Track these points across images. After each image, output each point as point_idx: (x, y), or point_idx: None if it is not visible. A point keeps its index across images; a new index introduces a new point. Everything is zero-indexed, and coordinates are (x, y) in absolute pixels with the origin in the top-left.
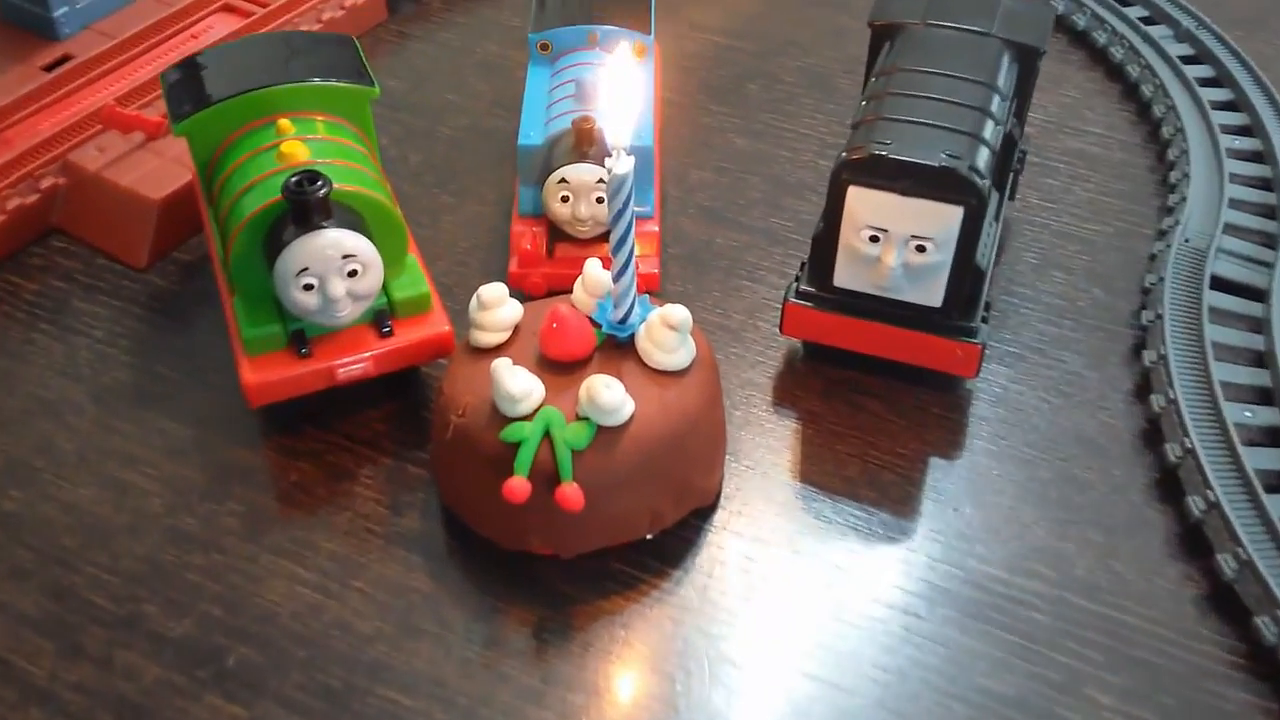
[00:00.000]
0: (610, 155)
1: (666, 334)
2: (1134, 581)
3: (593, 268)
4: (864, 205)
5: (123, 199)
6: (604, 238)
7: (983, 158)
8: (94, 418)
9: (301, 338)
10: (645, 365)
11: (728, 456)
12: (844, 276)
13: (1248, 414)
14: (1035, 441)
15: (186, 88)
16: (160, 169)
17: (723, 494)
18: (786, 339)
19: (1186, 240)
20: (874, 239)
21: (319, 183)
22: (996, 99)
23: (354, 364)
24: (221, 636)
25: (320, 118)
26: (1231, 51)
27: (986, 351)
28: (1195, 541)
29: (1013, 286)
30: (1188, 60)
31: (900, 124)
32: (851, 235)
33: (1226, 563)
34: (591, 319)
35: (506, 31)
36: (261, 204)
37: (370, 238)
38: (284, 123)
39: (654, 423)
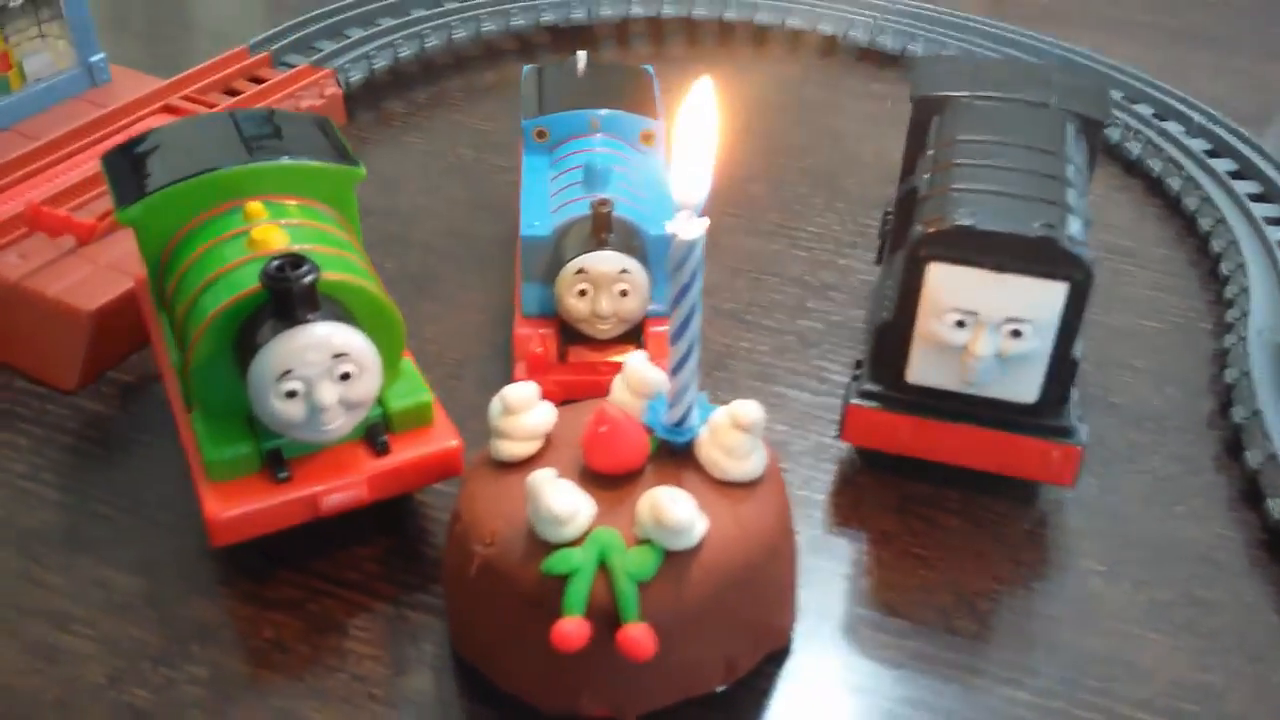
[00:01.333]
0: (678, 217)
1: (737, 437)
2: None
3: (637, 361)
4: (949, 285)
5: (48, 311)
6: (625, 339)
7: (1077, 228)
8: (15, 569)
9: (278, 459)
10: (709, 476)
11: (799, 587)
12: (920, 371)
13: None
14: (1145, 559)
15: (134, 169)
16: (93, 277)
17: (799, 632)
18: (840, 450)
19: (1260, 332)
20: (960, 324)
21: (304, 268)
22: (1073, 169)
23: (344, 490)
24: None
25: (296, 202)
26: (1252, 145)
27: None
28: None
29: (1079, 387)
30: (1209, 154)
31: (977, 193)
32: (933, 322)
33: None
34: (643, 423)
35: (475, 134)
36: (231, 297)
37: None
38: (254, 206)
39: (730, 545)
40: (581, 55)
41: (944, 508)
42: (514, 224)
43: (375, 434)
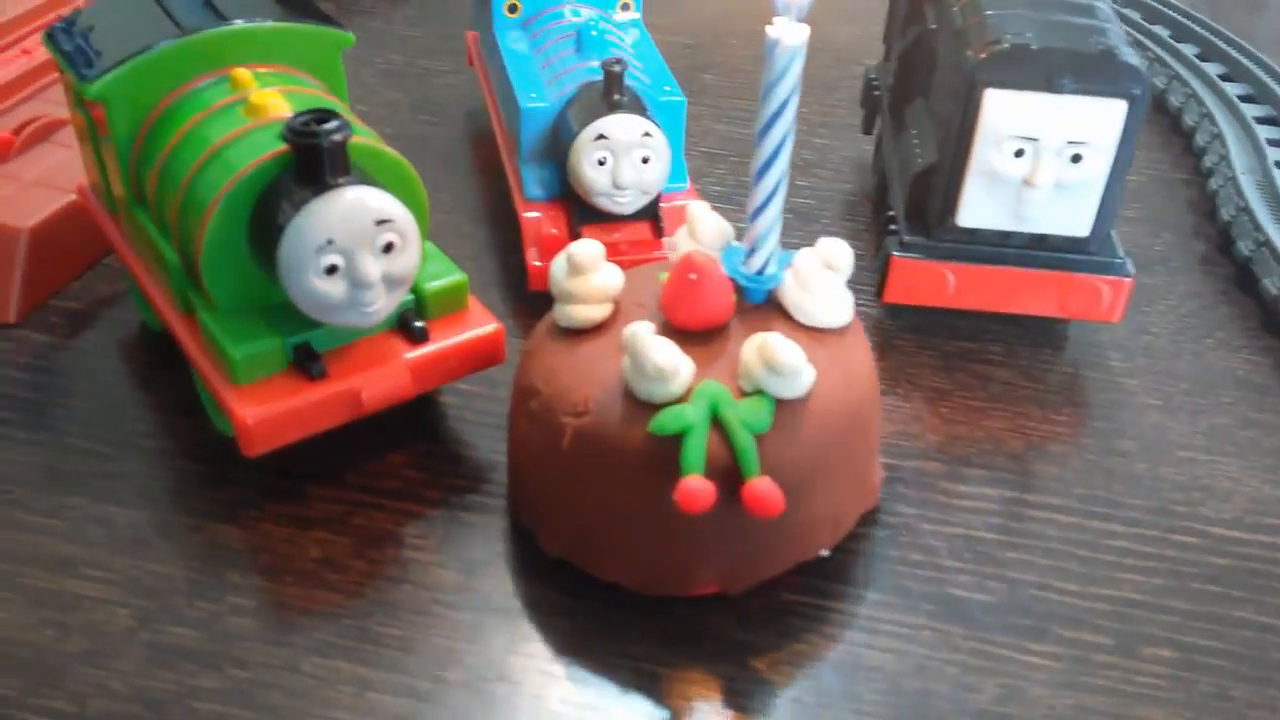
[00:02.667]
0: (777, 21)
1: (826, 280)
2: None
3: (700, 209)
4: (1008, 111)
5: None
6: (643, 216)
7: (1128, 45)
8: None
9: (309, 354)
10: (799, 324)
11: None
12: (972, 212)
13: None
14: (1193, 389)
15: (92, 42)
16: (20, 194)
17: (883, 491)
18: (868, 318)
19: (1244, 173)
20: (1019, 153)
21: (334, 123)
22: (1101, 9)
23: (385, 382)
24: None
25: (283, 71)
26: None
27: None
28: None
29: None
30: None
31: (1021, 19)
32: (991, 153)
33: None
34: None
35: (402, 41)
36: (243, 168)
37: None
38: (241, 73)
39: (835, 392)
40: None
41: (989, 360)
42: (474, 125)
43: (409, 320)
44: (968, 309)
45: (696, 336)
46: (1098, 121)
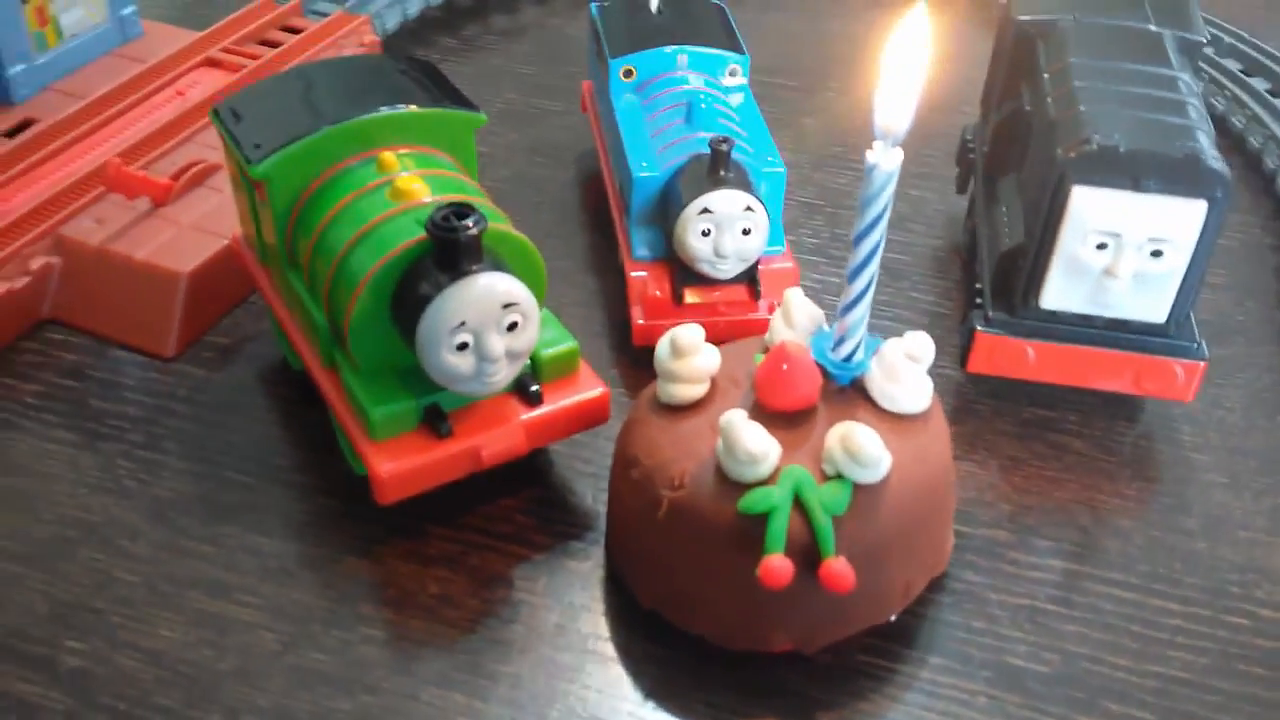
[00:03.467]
0: (876, 146)
1: (908, 369)
2: None
3: (796, 297)
4: (1093, 207)
5: (138, 276)
6: (742, 279)
7: (1213, 147)
8: (157, 540)
9: (438, 414)
10: (880, 410)
11: None
12: (1056, 295)
13: None
14: (1261, 468)
15: (256, 122)
16: (180, 239)
17: (951, 560)
18: (950, 381)
19: None
20: (1101, 246)
21: (472, 218)
22: (1187, 88)
23: (502, 440)
24: None
25: (421, 151)
26: None
27: None
28: None
29: None
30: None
31: (1110, 116)
32: (1076, 244)
33: None
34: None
35: (518, 79)
36: (390, 251)
37: None
38: (388, 156)
39: (911, 476)
40: None
41: (1064, 430)
42: (585, 167)
43: (526, 384)
44: (1052, 382)
45: (786, 418)
46: (1179, 221)
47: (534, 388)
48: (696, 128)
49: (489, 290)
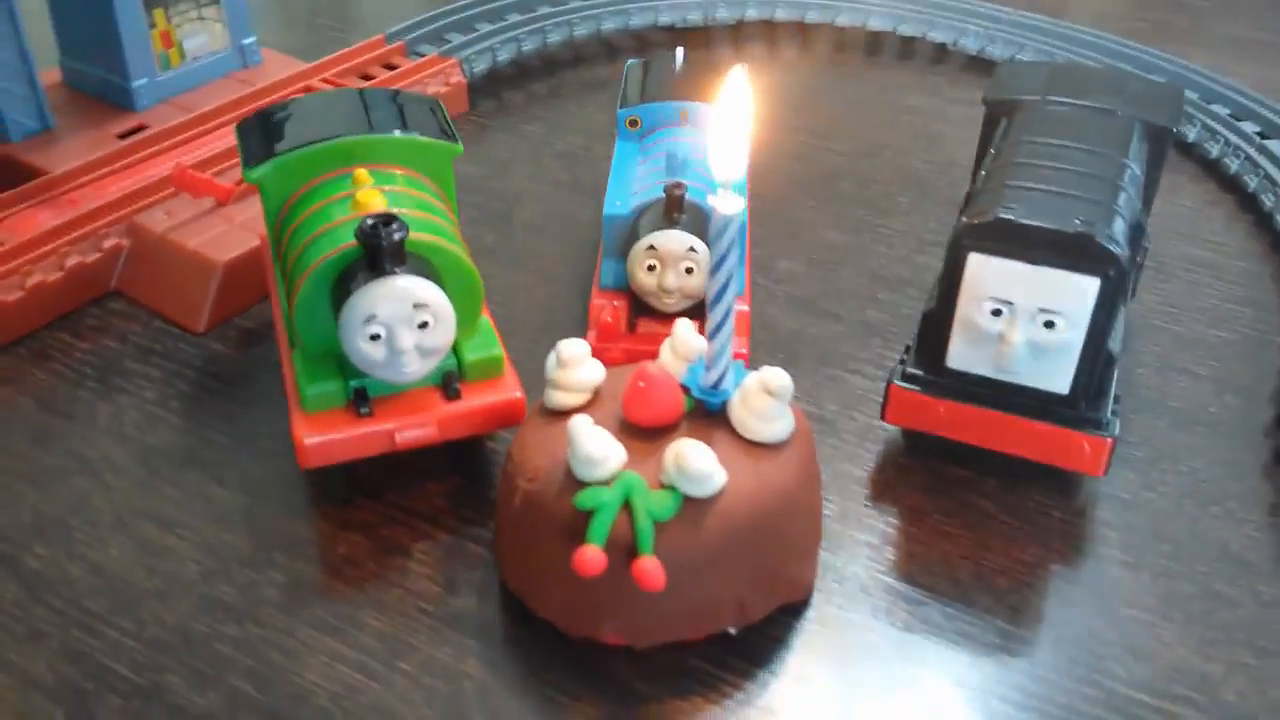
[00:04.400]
0: (720, 193)
1: (765, 401)
2: None
3: (683, 328)
4: (987, 275)
5: (186, 261)
6: (690, 314)
7: (1119, 228)
8: (135, 479)
9: (363, 397)
10: (739, 436)
11: (822, 550)
12: (959, 357)
13: None
14: (1171, 552)
15: (261, 135)
16: (227, 234)
17: (818, 589)
18: (887, 433)
19: None
20: (996, 313)
21: (394, 225)
22: (1129, 173)
23: (416, 427)
24: (250, 714)
25: (400, 172)
26: None
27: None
28: None
29: (1135, 389)
30: None
31: (1027, 190)
32: (971, 308)
33: None
34: (681, 384)
35: (586, 124)
36: (331, 250)
37: (445, 293)
38: (361, 173)
39: (747, 498)
40: (679, 51)
41: (980, 491)
42: None
43: (450, 381)
44: (960, 440)
45: (646, 432)
46: (1071, 295)
47: (455, 385)
48: (674, 175)
49: (401, 290)
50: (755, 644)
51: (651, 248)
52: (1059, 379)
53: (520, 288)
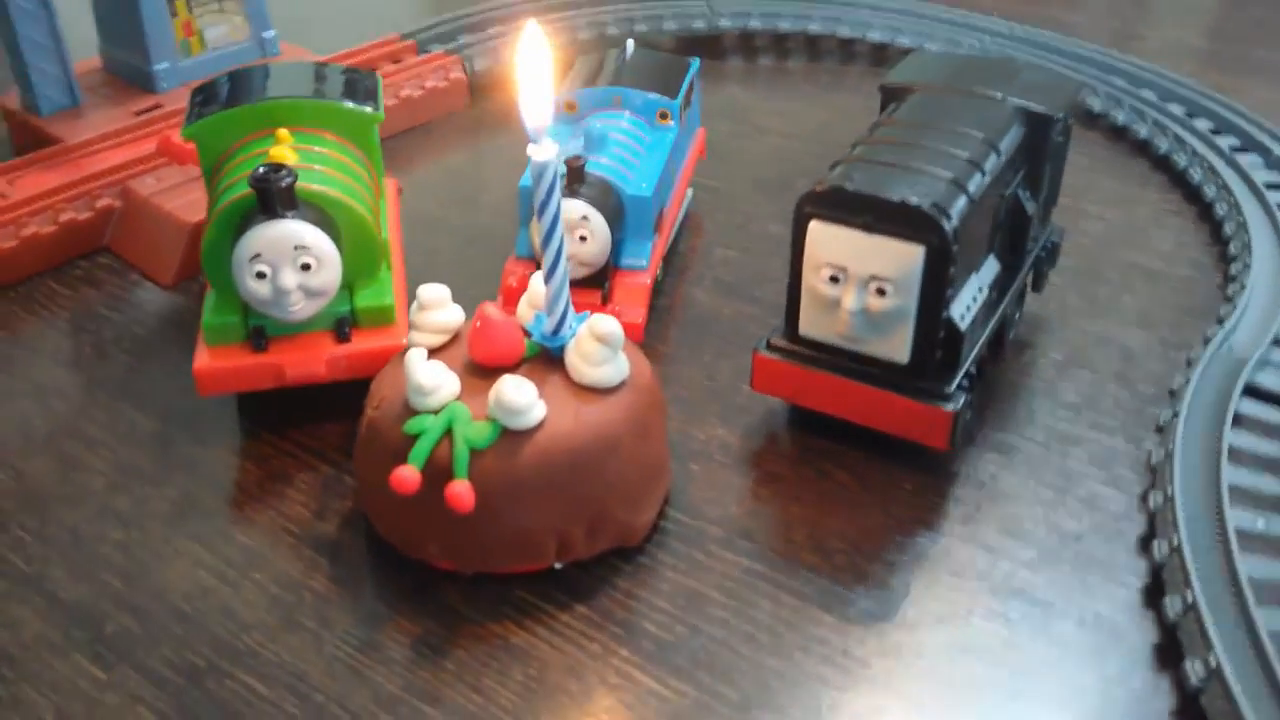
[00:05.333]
0: (537, 142)
1: (593, 346)
2: (1091, 691)
3: (536, 280)
4: (824, 242)
5: (162, 221)
6: (593, 284)
7: (956, 203)
8: (75, 404)
9: (261, 334)
10: (570, 379)
11: (670, 507)
12: (808, 324)
13: (1260, 522)
14: (1013, 532)
15: (207, 98)
16: (202, 199)
17: (655, 540)
18: (770, 405)
19: (1230, 349)
20: (834, 279)
21: (283, 172)
22: (990, 156)
23: (305, 365)
24: (110, 605)
25: (327, 135)
26: None
27: (971, 429)
28: (1173, 652)
29: (1028, 380)
30: (1272, 186)
31: (874, 164)
32: (812, 275)
33: (1194, 669)
34: (525, 329)
35: None
36: (232, 197)
37: (339, 242)
38: (282, 132)
39: (564, 435)
40: (630, 42)
41: (840, 462)
42: None
43: (341, 325)
44: (818, 410)
45: (487, 371)
46: (899, 262)
47: (346, 329)
48: (591, 152)
49: (282, 232)
50: (580, 581)
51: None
52: (898, 348)
53: (467, 260)
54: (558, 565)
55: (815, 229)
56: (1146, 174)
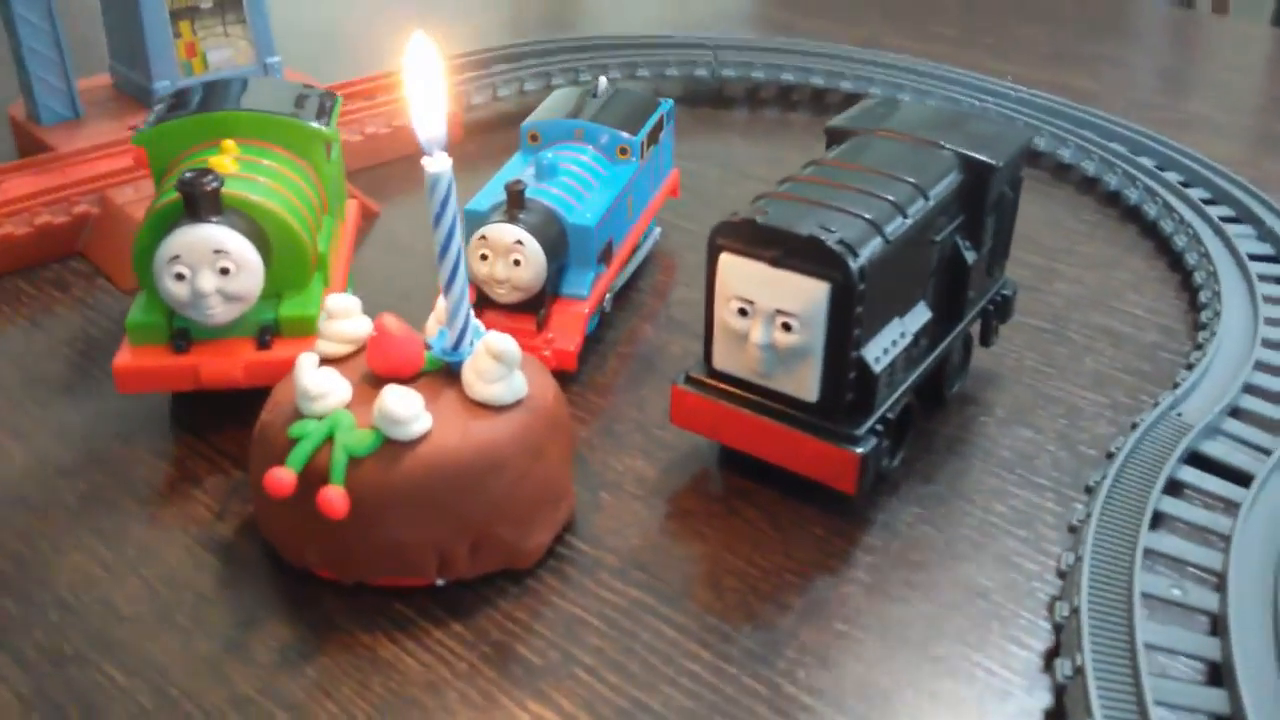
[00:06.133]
0: (432, 155)
1: (488, 363)
2: None
3: (442, 299)
4: (733, 274)
5: (127, 226)
6: (529, 309)
7: (868, 243)
8: (12, 397)
9: (185, 336)
10: (466, 397)
11: (571, 534)
12: (721, 358)
13: (1175, 590)
14: (919, 583)
15: (172, 105)
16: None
17: (547, 565)
18: (699, 442)
19: (1179, 414)
20: (743, 313)
21: (209, 177)
22: (916, 200)
23: (223, 369)
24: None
25: (274, 149)
26: None
27: (890, 477)
28: (1059, 717)
29: (966, 434)
30: (1258, 258)
31: (794, 200)
32: (723, 308)
33: None
34: (428, 344)
35: None
36: (163, 201)
37: (266, 250)
38: (228, 142)
39: (448, 450)
40: (603, 80)
41: (755, 502)
42: None
43: (264, 332)
44: (732, 446)
45: (383, 382)
46: (805, 297)
47: (267, 337)
48: (541, 181)
49: (202, 235)
50: (461, 600)
51: (483, 238)
52: (807, 386)
53: (424, 282)
54: (440, 582)
55: (725, 261)
56: (1135, 240)
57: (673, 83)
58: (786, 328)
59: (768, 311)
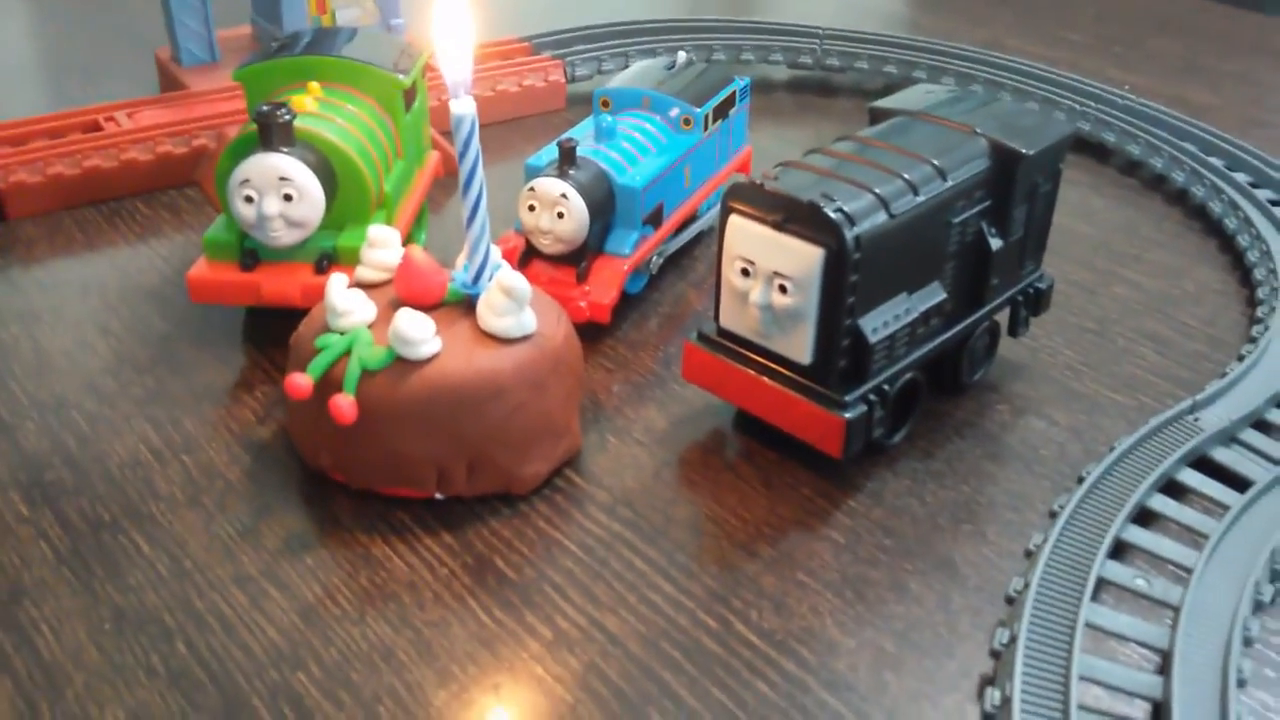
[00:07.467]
0: (457, 97)
1: (499, 298)
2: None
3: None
4: (739, 235)
5: None
6: (570, 262)
7: (870, 216)
8: (108, 300)
9: (253, 256)
10: (478, 328)
11: (572, 470)
12: (727, 316)
13: (1140, 581)
14: (890, 549)
15: (281, 46)
16: None
17: (542, 493)
18: (715, 399)
19: (1195, 418)
20: (745, 273)
21: (283, 111)
22: (934, 180)
23: (283, 288)
24: (58, 459)
25: (356, 95)
26: None
27: (876, 444)
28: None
29: (978, 420)
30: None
31: (809, 170)
32: (728, 268)
33: None
34: (451, 274)
35: None
36: (245, 129)
37: (332, 184)
38: (313, 84)
39: (452, 373)
40: (682, 53)
41: (749, 459)
42: None
43: (322, 259)
44: (732, 403)
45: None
46: (800, 262)
47: (325, 263)
48: (600, 143)
49: (270, 163)
50: (456, 514)
51: (532, 189)
52: (801, 349)
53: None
54: (439, 496)
55: (734, 222)
56: (1212, 254)
57: (777, 69)
58: (783, 290)
59: (767, 273)
